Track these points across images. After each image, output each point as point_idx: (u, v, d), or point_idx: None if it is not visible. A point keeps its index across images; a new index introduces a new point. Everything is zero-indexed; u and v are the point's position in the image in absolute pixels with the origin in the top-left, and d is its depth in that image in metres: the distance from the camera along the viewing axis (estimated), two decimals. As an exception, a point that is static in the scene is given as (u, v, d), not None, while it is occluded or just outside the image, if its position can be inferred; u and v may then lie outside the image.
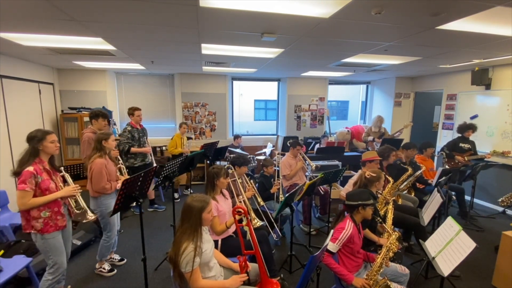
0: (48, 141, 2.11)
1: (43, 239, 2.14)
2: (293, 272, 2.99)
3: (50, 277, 2.22)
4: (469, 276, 2.97)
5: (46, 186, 2.08)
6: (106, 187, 2.68)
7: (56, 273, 2.24)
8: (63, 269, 2.28)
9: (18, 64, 4.39)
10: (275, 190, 3.47)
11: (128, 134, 4.05)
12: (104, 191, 2.69)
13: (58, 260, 2.23)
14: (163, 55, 4.20)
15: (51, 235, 2.16)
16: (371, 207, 2.19)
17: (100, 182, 2.65)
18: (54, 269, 2.23)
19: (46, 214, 2.12)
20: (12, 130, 4.13)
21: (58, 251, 2.22)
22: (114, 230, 2.89)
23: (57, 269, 2.23)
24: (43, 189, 2.07)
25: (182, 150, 5.21)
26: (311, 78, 6.90)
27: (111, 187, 2.72)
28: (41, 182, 2.06)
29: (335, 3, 2.14)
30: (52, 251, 2.19)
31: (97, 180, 2.64)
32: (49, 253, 2.19)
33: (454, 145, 4.65)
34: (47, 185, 2.09)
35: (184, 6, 2.21)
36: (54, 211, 2.16)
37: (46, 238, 2.14)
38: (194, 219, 1.77)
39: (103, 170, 2.66)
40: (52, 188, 2.12)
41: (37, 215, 2.09)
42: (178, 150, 5.19)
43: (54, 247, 2.20)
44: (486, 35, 2.90)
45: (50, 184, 2.11)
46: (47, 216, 2.12)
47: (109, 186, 2.71)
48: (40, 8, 2.26)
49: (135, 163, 4.15)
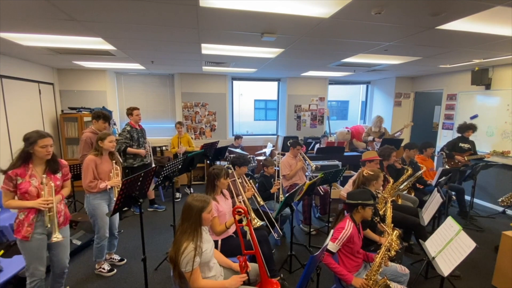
0: (39, 145, 2.02)
1: (19, 241, 2.08)
2: (293, 272, 2.99)
3: (28, 281, 2.14)
4: (469, 276, 2.97)
5: (25, 189, 2.01)
6: (90, 185, 2.65)
7: (32, 278, 2.13)
8: (38, 277, 2.14)
9: (18, 64, 4.39)
10: (275, 190, 3.47)
11: (127, 134, 4.05)
12: (89, 189, 2.67)
13: (31, 265, 2.12)
14: (163, 55, 4.20)
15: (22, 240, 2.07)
16: (371, 207, 2.19)
17: (85, 179, 2.65)
18: (29, 273, 2.13)
19: (22, 216, 2.06)
20: (12, 130, 4.13)
21: (32, 258, 2.11)
22: (102, 232, 2.80)
23: (32, 275, 2.13)
24: (22, 191, 2.01)
25: (177, 149, 5.30)
26: (311, 78, 6.90)
27: (96, 186, 2.66)
28: (19, 184, 2.00)
29: (335, 3, 2.14)
30: (26, 255, 2.11)
31: (83, 176, 2.66)
32: (24, 256, 2.12)
33: (454, 145, 4.65)
34: (26, 188, 2.01)
35: (184, 6, 2.21)
36: (28, 217, 2.06)
37: (20, 241, 2.08)
38: (194, 218, 1.77)
39: (89, 167, 2.65)
40: (32, 191, 2.03)
41: (17, 215, 2.07)
42: (175, 150, 5.38)
43: (29, 253, 2.10)
44: (486, 35, 2.90)
45: (29, 187, 2.02)
46: (21, 219, 2.06)
47: (94, 184, 2.66)
48: (40, 8, 2.26)
49: (134, 163, 4.15)
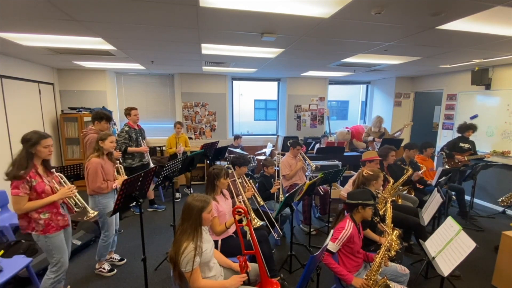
0: (42, 145, 2.06)
1: (46, 238, 2.15)
2: (293, 272, 2.99)
3: (53, 276, 2.23)
4: (469, 276, 2.97)
5: (42, 189, 2.07)
6: (102, 187, 2.67)
7: (58, 272, 2.25)
8: (65, 267, 2.30)
9: (18, 64, 4.39)
10: (275, 190, 3.47)
11: (126, 134, 4.06)
12: (100, 190, 2.69)
13: (61, 258, 2.25)
14: (163, 55, 4.20)
15: (54, 234, 2.18)
16: (371, 208, 2.19)
17: (96, 182, 2.65)
18: (57, 268, 2.24)
19: (46, 215, 2.12)
20: (12, 130, 4.12)
21: (61, 249, 2.24)
22: (111, 230, 2.89)
23: (60, 268, 2.25)
24: (39, 192, 2.06)
25: (175, 150, 5.19)
26: (311, 78, 6.90)
27: (108, 187, 2.72)
28: (35, 185, 2.04)
29: (335, 3, 2.14)
30: (55, 250, 2.21)
31: (93, 179, 2.65)
32: (52, 252, 2.21)
33: (454, 145, 4.65)
34: (42, 187, 2.07)
35: (184, 6, 2.21)
36: (53, 212, 2.16)
37: (49, 237, 2.16)
38: (194, 218, 1.78)
39: (98, 170, 2.66)
40: (48, 190, 2.11)
41: (37, 217, 2.09)
42: (172, 150, 5.21)
43: (57, 246, 2.22)
44: (486, 35, 2.90)
45: (45, 186, 2.09)
46: (48, 217, 2.13)
47: (105, 185, 2.70)
48: (40, 8, 2.26)
49: (132, 164, 4.15)
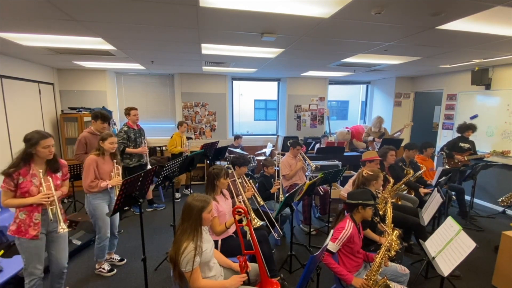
0: (41, 146, 2.03)
1: (19, 240, 2.07)
2: (293, 272, 2.99)
3: (27, 281, 2.14)
4: (469, 276, 2.97)
5: (26, 189, 2.02)
6: (91, 185, 2.65)
7: (30, 277, 2.13)
8: (36, 276, 2.14)
9: (18, 64, 4.39)
10: (275, 190, 3.47)
11: (124, 134, 4.05)
12: (90, 188, 2.66)
13: (29, 265, 2.11)
14: (163, 55, 4.20)
15: (24, 240, 2.07)
16: (371, 208, 2.19)
17: (86, 179, 2.64)
18: (27, 273, 2.13)
19: (23, 216, 2.06)
20: (12, 130, 4.13)
21: (31, 257, 2.10)
22: (104, 232, 2.82)
23: (30, 274, 2.12)
24: (23, 191, 2.02)
25: (181, 149, 5.19)
26: (311, 78, 6.90)
27: (97, 185, 2.66)
28: (21, 183, 2.00)
29: (335, 3, 2.14)
30: (24, 255, 2.10)
31: (84, 176, 2.66)
32: (22, 256, 2.12)
33: (454, 145, 4.65)
34: (27, 187, 2.02)
35: (184, 6, 2.21)
36: (30, 215, 2.07)
37: (20, 240, 2.07)
38: (194, 218, 1.78)
39: (91, 167, 2.65)
40: (33, 191, 2.04)
41: (16, 215, 2.06)
42: (178, 149, 5.16)
43: (28, 252, 2.09)
44: (486, 35, 2.90)
45: (31, 186, 2.03)
46: (22, 219, 2.06)
47: (95, 184, 2.66)
48: (40, 8, 2.26)
49: (130, 164, 4.13)
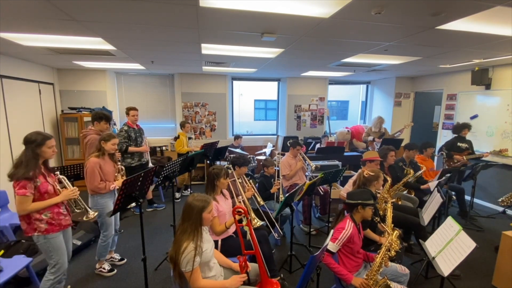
0: (47, 146, 2.08)
1: (46, 239, 2.14)
2: (293, 272, 2.99)
3: (52, 277, 2.22)
4: (469, 276, 2.97)
5: (45, 189, 2.08)
6: (99, 187, 2.68)
7: (57, 273, 2.24)
8: (64, 268, 2.28)
9: (18, 64, 4.39)
10: (275, 190, 3.47)
11: (125, 133, 4.07)
12: (98, 190, 2.69)
13: (60, 259, 2.23)
14: (163, 55, 4.20)
15: (55, 235, 2.17)
16: (370, 207, 2.19)
17: (93, 182, 2.65)
18: (56, 269, 2.23)
19: (48, 215, 2.12)
20: (12, 130, 4.12)
21: (60, 250, 2.23)
22: (110, 230, 2.89)
23: (59, 269, 2.24)
24: (42, 192, 2.07)
25: (188, 148, 5.26)
26: (311, 78, 6.90)
27: (105, 187, 2.71)
28: (39, 185, 2.05)
29: (335, 3, 2.14)
30: (54, 251, 2.20)
31: (90, 179, 2.66)
32: (51, 253, 2.19)
33: (452, 145, 4.66)
34: (45, 188, 2.08)
35: (184, 6, 2.21)
36: (55, 212, 2.16)
37: (48, 238, 2.15)
38: (195, 218, 1.78)
39: (95, 170, 2.66)
40: (51, 190, 2.12)
41: (38, 217, 2.09)
42: (186, 149, 5.24)
43: (57, 247, 2.20)
44: (486, 35, 2.90)
45: (48, 186, 2.10)
46: (49, 217, 2.13)
47: (103, 185, 2.70)
48: (40, 8, 2.26)
49: (132, 163, 4.15)
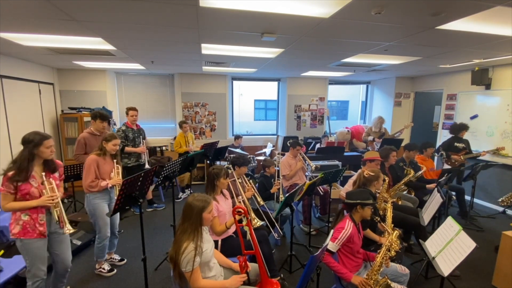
0: (45, 146, 2.05)
1: (22, 241, 2.06)
2: (293, 272, 2.99)
3: (30, 283, 2.13)
4: (469, 276, 2.97)
5: (27, 191, 2.00)
6: (91, 184, 2.66)
7: (33, 279, 2.12)
8: (40, 277, 2.14)
9: (18, 64, 4.39)
10: (275, 190, 3.47)
11: (122, 134, 4.08)
12: (90, 188, 2.67)
13: (33, 266, 2.11)
14: (163, 55, 4.20)
15: (30, 240, 2.07)
16: (369, 207, 2.19)
17: (86, 179, 2.65)
18: (30, 275, 2.12)
19: (26, 217, 2.05)
20: (12, 130, 4.13)
21: (35, 258, 2.11)
22: (104, 231, 2.82)
23: (33, 276, 2.12)
24: (24, 193, 2.00)
25: (186, 148, 5.25)
26: (311, 78, 6.90)
27: (97, 185, 2.68)
28: (21, 185, 1.98)
29: (335, 3, 2.14)
30: (28, 256, 2.10)
31: (85, 175, 2.66)
32: (25, 257, 2.11)
33: (449, 145, 4.67)
34: (27, 189, 2.00)
35: (184, 6, 2.21)
36: (33, 217, 2.07)
37: (24, 242, 2.06)
38: (195, 218, 1.78)
39: (91, 167, 2.66)
40: (34, 192, 2.03)
41: (18, 217, 2.04)
42: (183, 148, 5.24)
43: (31, 253, 2.09)
44: (486, 35, 2.90)
45: (31, 188, 2.02)
46: (26, 220, 2.05)
47: (95, 183, 2.67)
48: (40, 8, 2.26)
49: (128, 163, 4.15)
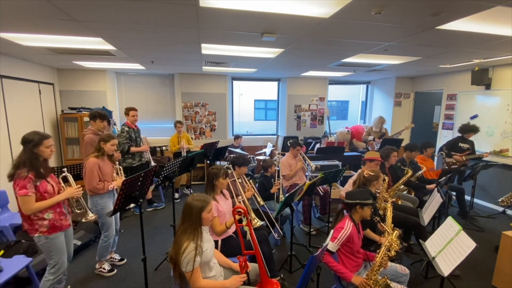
0: (45, 146, 2.09)
1: (47, 239, 2.15)
2: (293, 272, 2.99)
3: (51, 277, 2.22)
4: (469, 276, 2.97)
5: (44, 189, 2.09)
6: (97, 187, 2.68)
7: (57, 273, 2.24)
8: (64, 268, 2.29)
9: (18, 64, 4.39)
10: (275, 190, 3.47)
11: (126, 134, 4.10)
12: (96, 191, 2.69)
13: (60, 260, 2.23)
14: (163, 55, 4.20)
15: (56, 235, 2.18)
16: (369, 207, 2.19)
17: (92, 182, 2.66)
18: (56, 269, 2.23)
19: (50, 215, 2.13)
20: (12, 130, 4.12)
21: (60, 251, 2.24)
22: (111, 230, 2.89)
23: (59, 269, 2.24)
24: (42, 192, 2.07)
25: (178, 146, 5.32)
26: (311, 78, 6.90)
27: (103, 187, 2.71)
28: (39, 185, 2.06)
29: (335, 3, 2.14)
30: (55, 251, 2.20)
31: (89, 179, 2.66)
32: (52, 253, 2.20)
33: (454, 145, 4.65)
34: (44, 187, 2.09)
35: (184, 6, 2.21)
36: (57, 211, 2.18)
37: (50, 239, 2.16)
38: (195, 218, 1.78)
39: (94, 170, 2.67)
40: (50, 190, 2.13)
41: (41, 217, 2.10)
42: (176, 147, 5.35)
43: (58, 247, 2.21)
44: (486, 35, 2.90)
45: (47, 186, 2.11)
46: (52, 218, 2.13)
47: (101, 186, 2.70)
48: (40, 8, 2.26)
49: (133, 163, 4.18)
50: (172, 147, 5.41)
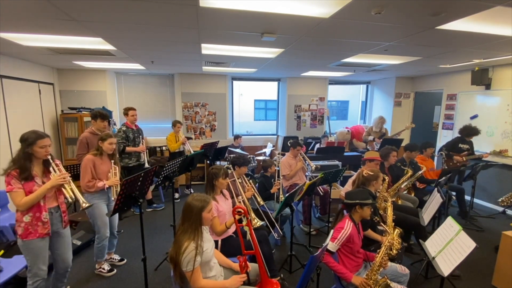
0: (38, 146, 2.03)
1: (23, 242, 2.08)
2: (293, 272, 2.99)
3: (30, 282, 2.14)
4: (469, 276, 2.97)
5: (29, 189, 2.03)
6: (88, 185, 2.66)
7: (34, 279, 2.14)
8: (41, 278, 2.16)
9: (18, 64, 4.39)
10: (275, 190, 3.47)
11: (123, 134, 4.09)
12: (87, 188, 2.68)
13: (34, 266, 2.12)
14: (163, 55, 4.20)
15: (31, 241, 2.08)
16: (369, 207, 2.20)
17: (84, 179, 2.66)
18: (32, 274, 2.13)
19: (28, 219, 2.05)
20: (12, 130, 4.12)
21: (36, 258, 2.12)
22: (103, 232, 2.82)
23: (33, 276, 2.13)
24: (26, 191, 2.02)
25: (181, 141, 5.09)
26: (311, 78, 6.90)
27: (94, 185, 2.67)
28: (24, 184, 2.00)
29: (335, 3, 2.14)
30: (29, 256, 2.11)
31: (81, 175, 2.67)
32: (27, 257, 2.12)
33: (453, 145, 4.66)
34: (30, 187, 2.03)
35: (184, 6, 2.21)
36: (36, 216, 2.07)
37: (25, 242, 2.08)
38: (195, 218, 1.78)
39: (88, 167, 2.67)
40: (36, 190, 2.05)
41: (20, 219, 2.05)
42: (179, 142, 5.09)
43: (33, 253, 2.10)
44: (486, 35, 2.90)
45: (33, 187, 2.04)
46: (28, 221, 2.05)
47: (92, 184, 2.67)
48: (40, 8, 2.26)
49: (129, 163, 4.16)
50: (173, 144, 5.11)
